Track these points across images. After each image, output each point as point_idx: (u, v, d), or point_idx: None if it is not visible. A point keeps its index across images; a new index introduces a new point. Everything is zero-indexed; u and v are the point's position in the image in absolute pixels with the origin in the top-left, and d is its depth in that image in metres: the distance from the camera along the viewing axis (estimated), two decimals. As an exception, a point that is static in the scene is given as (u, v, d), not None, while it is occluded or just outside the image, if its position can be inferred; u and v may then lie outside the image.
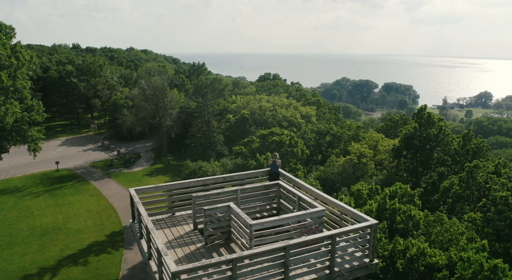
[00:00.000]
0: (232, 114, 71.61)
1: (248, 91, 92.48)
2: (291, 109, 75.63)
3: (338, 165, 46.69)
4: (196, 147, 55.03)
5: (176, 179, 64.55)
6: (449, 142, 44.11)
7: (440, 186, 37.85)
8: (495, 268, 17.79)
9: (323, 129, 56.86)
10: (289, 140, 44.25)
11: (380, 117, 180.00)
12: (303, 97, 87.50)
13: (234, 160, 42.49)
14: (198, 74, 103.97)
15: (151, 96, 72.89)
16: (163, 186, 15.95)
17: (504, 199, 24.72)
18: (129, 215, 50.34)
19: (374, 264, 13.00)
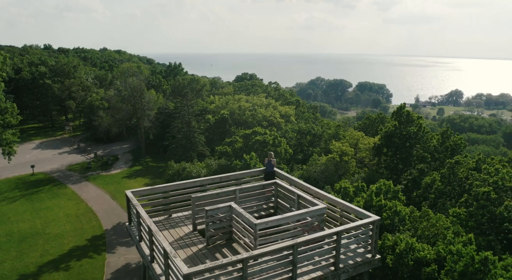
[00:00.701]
0: (211, 115, 71.30)
1: (226, 91, 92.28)
2: (270, 108, 75.85)
3: (321, 164, 47.08)
4: (177, 148, 54.49)
5: (156, 181, 63.77)
6: (428, 139, 45.09)
7: (421, 182, 38.65)
8: (486, 260, 18.27)
9: (304, 129, 57.26)
10: (272, 139, 44.35)
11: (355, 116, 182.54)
12: (281, 97, 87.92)
13: (218, 161, 42.27)
14: (174, 74, 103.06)
15: (129, 97, 71.80)
16: (159, 188, 15.69)
17: (486, 195, 25.43)
18: (109, 219, 49.45)
19: (377, 259, 13.15)
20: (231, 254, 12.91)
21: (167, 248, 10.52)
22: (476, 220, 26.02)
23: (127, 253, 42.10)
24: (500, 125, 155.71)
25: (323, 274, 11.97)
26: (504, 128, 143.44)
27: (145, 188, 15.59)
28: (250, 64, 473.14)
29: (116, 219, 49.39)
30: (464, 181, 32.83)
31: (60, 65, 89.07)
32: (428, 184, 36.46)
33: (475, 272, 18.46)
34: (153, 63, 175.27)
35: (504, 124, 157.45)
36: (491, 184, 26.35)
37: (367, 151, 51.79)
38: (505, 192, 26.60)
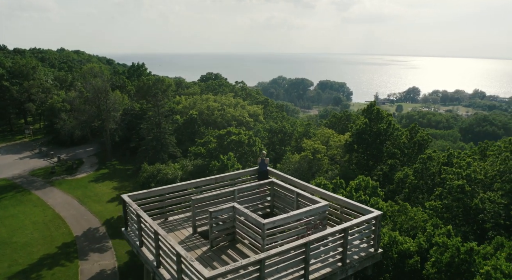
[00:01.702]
0: (179, 115, 70.38)
1: (192, 91, 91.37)
2: (238, 108, 75.75)
3: (294, 162, 47.48)
4: (147, 149, 53.38)
5: (125, 184, 62.36)
6: (398, 135, 46.41)
7: (392, 177, 39.72)
8: (471, 250, 19.02)
9: (276, 128, 57.58)
10: (247, 139, 44.31)
11: (317, 114, 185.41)
12: (249, 96, 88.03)
13: (194, 161, 41.75)
14: (138, 75, 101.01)
15: (93, 98, 69.66)
16: (156, 191, 15.33)
17: (460, 187, 26.48)
18: (79, 225, 47.86)
19: (379, 253, 13.43)
20: (238, 255, 12.80)
21: (182, 252, 10.30)
22: (451, 212, 27.04)
23: (100, 259, 40.91)
24: (456, 120, 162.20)
25: (332, 270, 12.11)
26: (460, 123, 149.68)
27: (141, 191, 15.20)
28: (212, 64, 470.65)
29: (86, 224, 47.88)
30: (436, 175, 34.03)
31: (18, 66, 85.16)
32: (401, 179, 37.54)
33: (461, 262, 19.18)
34: (113, 63, 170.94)
35: (460, 120, 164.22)
36: (464, 177, 27.46)
37: (338, 149, 52.74)
38: (477, 185, 27.80)
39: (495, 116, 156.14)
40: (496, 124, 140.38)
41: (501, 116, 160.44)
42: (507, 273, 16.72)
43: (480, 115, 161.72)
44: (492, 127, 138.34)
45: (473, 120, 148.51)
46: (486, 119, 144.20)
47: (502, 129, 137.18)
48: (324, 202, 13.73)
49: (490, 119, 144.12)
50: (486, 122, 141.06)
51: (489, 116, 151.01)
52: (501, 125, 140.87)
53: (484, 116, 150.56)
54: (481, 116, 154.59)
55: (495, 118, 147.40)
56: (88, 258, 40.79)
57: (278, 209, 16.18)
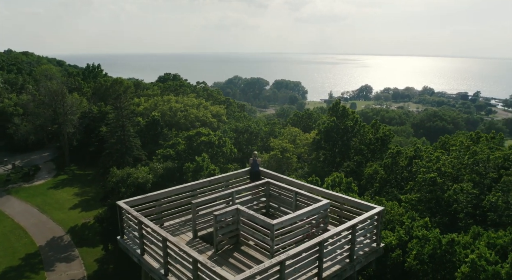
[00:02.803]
0: (140, 117, 68.68)
1: (152, 92, 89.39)
2: (201, 109, 74.99)
3: (264, 161, 47.58)
4: (111, 153, 51.67)
5: (86, 189, 60.29)
6: (365, 132, 47.61)
7: (363, 172, 40.70)
8: (452, 241, 19.80)
9: (242, 127, 57.46)
10: (218, 140, 43.90)
11: (274, 113, 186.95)
12: (211, 97, 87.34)
13: (164, 164, 40.82)
14: (93, 76, 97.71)
15: (49, 102, 66.62)
16: (152, 196, 14.80)
17: (432, 180, 27.54)
18: (42, 234, 45.72)
19: (381, 247, 13.69)
20: (245, 258, 12.62)
21: (199, 258, 10.00)
22: (425, 204, 28.06)
23: (68, 269, 39.29)
24: (408, 116, 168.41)
25: (342, 267, 12.20)
26: (412, 119, 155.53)
27: (137, 197, 14.61)
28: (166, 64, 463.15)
29: (49, 234, 45.79)
30: (405, 169, 35.21)
31: (-38, 69, 79.97)
32: (370, 174, 38.53)
33: (443, 254, 19.92)
34: (64, 65, 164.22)
35: (411, 116, 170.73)
36: (435, 170, 28.58)
37: (305, 147, 53.43)
38: (446, 177, 29.02)
39: (444, 111, 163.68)
40: (445, 119, 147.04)
41: (450, 112, 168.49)
42: (491, 261, 17.57)
43: (430, 111, 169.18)
44: (442, 122, 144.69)
45: (424, 116, 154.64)
46: (436, 115, 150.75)
47: (451, 124, 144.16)
48: (325, 201, 13.80)
49: (440, 115, 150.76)
50: (436, 118, 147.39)
51: (439, 112, 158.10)
52: (450, 120, 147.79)
53: (434, 112, 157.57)
54: (431, 112, 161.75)
55: (445, 114, 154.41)
56: (55, 268, 39.02)
57: (274, 209, 16.10)
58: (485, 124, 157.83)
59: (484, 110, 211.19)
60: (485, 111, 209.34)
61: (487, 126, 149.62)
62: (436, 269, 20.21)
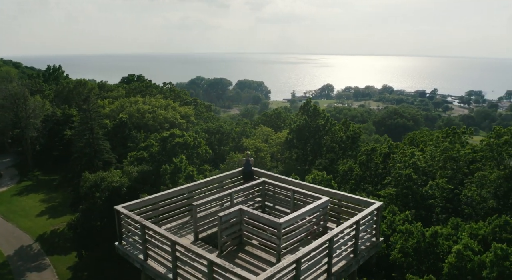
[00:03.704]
0: (107, 119, 67.01)
1: (117, 94, 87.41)
2: (170, 110, 74.04)
3: (238, 161, 47.53)
4: (79, 157, 50.08)
5: (53, 195, 58.25)
6: (336, 130, 48.50)
7: (338, 169, 41.45)
8: (436, 234, 20.54)
9: (213, 128, 57.18)
10: (193, 140, 43.46)
11: (238, 113, 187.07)
12: (178, 97, 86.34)
13: (139, 167, 39.97)
14: (55, 78, 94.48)
15: (10, 105, 63.81)
16: (150, 199, 14.49)
17: (408, 176, 28.47)
18: (9, 243, 43.90)
19: (381, 242, 14.05)
20: (251, 258, 12.62)
21: (217, 260, 9.92)
22: (401, 199, 28.96)
23: (40, 279, 37.92)
24: (370, 114, 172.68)
25: (347, 262, 12.44)
26: (373, 117, 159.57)
27: (135, 201, 14.27)
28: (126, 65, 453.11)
29: (17, 242, 43.90)
30: (380, 166, 36.16)
31: None
32: (345, 171, 39.30)
33: (427, 246, 20.65)
34: (20, 66, 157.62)
35: (373, 113, 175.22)
36: (411, 165, 29.55)
37: (278, 146, 53.81)
38: (422, 172, 30.06)
39: (404, 109, 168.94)
40: (406, 117, 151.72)
41: (409, 109, 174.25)
42: (477, 250, 18.39)
43: (391, 108, 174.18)
44: (402, 119, 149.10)
45: (385, 114, 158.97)
46: (396, 112, 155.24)
47: (411, 121, 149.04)
48: (325, 198, 13.99)
49: (400, 112, 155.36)
50: (397, 115, 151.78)
51: (399, 109, 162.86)
52: (410, 117, 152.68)
53: (395, 110, 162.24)
54: (392, 109, 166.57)
55: (405, 111, 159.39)
56: (26, 278, 37.48)
57: (269, 208, 16.17)
58: (443, 121, 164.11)
59: (441, 107, 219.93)
60: (442, 108, 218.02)
61: (445, 122, 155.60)
62: (420, 261, 20.93)
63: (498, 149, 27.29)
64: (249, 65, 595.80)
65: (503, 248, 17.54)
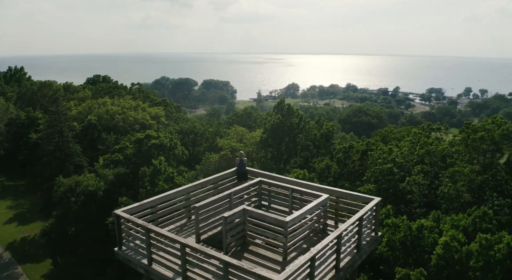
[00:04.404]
0: (75, 121, 65.14)
1: (83, 95, 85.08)
2: (139, 111, 72.79)
3: (214, 162, 47.33)
4: (49, 161, 48.41)
5: (21, 202, 56.16)
6: (310, 128, 49.09)
7: (315, 167, 41.93)
8: (421, 227, 21.21)
9: (186, 128, 56.66)
10: (169, 142, 42.87)
11: (205, 114, 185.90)
12: (147, 98, 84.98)
13: (115, 170, 39.03)
14: (17, 80, 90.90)
15: (-29, 108, 60.92)
16: (149, 202, 14.20)
17: (389, 170, 29.23)
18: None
19: (380, 236, 14.39)
20: (258, 257, 12.64)
21: (233, 261, 9.87)
22: (382, 194, 29.68)
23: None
24: (335, 112, 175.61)
25: (352, 257, 12.67)
26: (339, 115, 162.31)
27: (134, 205, 13.97)
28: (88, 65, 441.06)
29: (-16, 253, 41.94)
30: (357, 163, 36.91)
31: None
32: (323, 169, 39.84)
33: (414, 239, 21.29)
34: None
35: (338, 112, 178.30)
36: (389, 161, 30.35)
37: (253, 145, 53.91)
38: (400, 168, 30.94)
39: (368, 107, 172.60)
40: (370, 114, 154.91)
41: (373, 107, 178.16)
42: (463, 241, 19.13)
43: (355, 106, 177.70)
44: (367, 117, 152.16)
45: (350, 112, 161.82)
46: (361, 110, 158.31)
47: (376, 118, 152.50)
48: (325, 195, 14.19)
49: (365, 110, 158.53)
50: (361, 113, 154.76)
51: (363, 107, 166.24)
52: (374, 114, 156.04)
53: (359, 108, 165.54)
54: (356, 107, 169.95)
55: (369, 109, 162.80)
56: (-2, 289, 35.91)
57: (265, 207, 16.22)
58: (405, 118, 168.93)
59: (404, 104, 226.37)
60: (404, 105, 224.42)
61: (407, 119, 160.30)
62: (407, 254, 21.56)
63: (473, 144, 28.50)
64: (215, 64, 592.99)
65: (487, 238, 18.37)
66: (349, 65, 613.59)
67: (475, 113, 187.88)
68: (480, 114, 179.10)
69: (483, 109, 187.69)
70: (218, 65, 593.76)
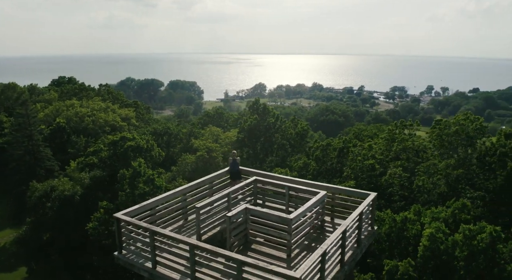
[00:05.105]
0: (43, 124, 63.13)
1: (49, 97, 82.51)
2: (110, 112, 71.32)
3: (191, 163, 47.05)
4: (18, 166, 46.69)
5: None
6: (287, 128, 49.57)
7: (293, 165, 42.38)
8: (405, 219, 21.90)
9: (160, 129, 55.99)
10: (145, 143, 42.22)
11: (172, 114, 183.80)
12: (116, 100, 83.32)
13: (91, 173, 38.07)
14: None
15: None
16: (149, 204, 14.02)
17: (371, 166, 29.97)
18: None
19: (376, 230, 14.78)
20: (262, 256, 12.79)
21: (248, 260, 9.93)
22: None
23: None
24: (303, 112, 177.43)
25: (353, 252, 12.97)
26: (306, 114, 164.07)
27: (134, 207, 13.73)
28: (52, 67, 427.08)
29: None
30: (334, 160, 37.61)
31: None
32: (301, 167, 40.33)
33: (398, 231, 21.96)
34: None
35: (305, 111, 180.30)
36: (370, 157, 31.12)
37: (228, 145, 53.88)
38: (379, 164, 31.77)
39: (335, 106, 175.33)
40: (337, 113, 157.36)
41: (339, 105, 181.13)
42: (448, 233, 19.89)
43: (322, 106, 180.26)
44: (334, 116, 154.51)
45: (317, 111, 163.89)
46: (328, 109, 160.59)
47: (342, 117, 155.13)
48: (323, 192, 14.44)
49: (332, 109, 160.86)
50: (328, 112, 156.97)
51: (330, 106, 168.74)
52: (341, 113, 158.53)
53: (326, 107, 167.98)
54: (323, 106, 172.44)
55: (336, 108, 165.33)
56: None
57: (260, 205, 16.34)
58: (371, 116, 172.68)
59: (369, 103, 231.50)
60: (369, 104, 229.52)
61: (373, 117, 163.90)
62: (393, 246, 22.20)
63: (448, 139, 29.67)
64: (181, 65, 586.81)
65: (470, 228, 19.21)
66: (315, 65, 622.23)
67: (437, 110, 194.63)
68: (442, 111, 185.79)
69: (444, 106, 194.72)
70: (185, 65, 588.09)
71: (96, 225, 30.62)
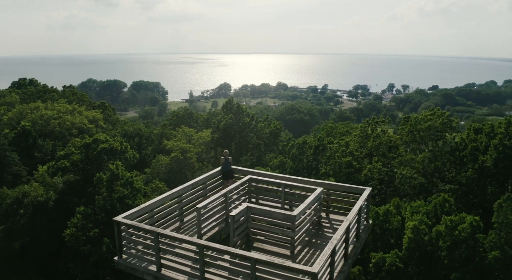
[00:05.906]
0: (6, 128, 60.64)
1: (10, 100, 79.25)
2: (76, 115, 69.38)
3: (166, 164, 46.46)
4: (-17, 172, 44.63)
5: None
6: (262, 127, 49.84)
7: (269, 164, 42.71)
8: (388, 212, 22.57)
9: (131, 131, 54.99)
10: (119, 145, 41.30)
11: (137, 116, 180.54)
12: (82, 101, 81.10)
13: (65, 177, 36.86)
14: None
15: None
16: (148, 206, 13.80)
17: (348, 163, 30.65)
18: None
19: (371, 224, 15.22)
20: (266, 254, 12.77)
21: (262, 258, 10.01)
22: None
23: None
24: (269, 111, 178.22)
25: (354, 246, 13.30)
26: (272, 113, 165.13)
27: (133, 210, 13.49)
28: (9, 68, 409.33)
29: None
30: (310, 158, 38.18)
31: None
32: (277, 165, 40.69)
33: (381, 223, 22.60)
34: None
35: (271, 110, 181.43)
36: (348, 154, 31.83)
37: (202, 146, 53.59)
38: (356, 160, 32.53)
39: (300, 104, 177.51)
40: (302, 112, 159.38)
41: (304, 104, 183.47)
42: (430, 224, 20.67)
43: (287, 105, 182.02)
44: (299, 114, 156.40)
45: (283, 110, 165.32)
46: (293, 108, 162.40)
47: (308, 115, 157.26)
48: (320, 188, 14.70)
49: (297, 108, 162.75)
50: (294, 111, 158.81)
51: (295, 105, 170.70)
52: (306, 112, 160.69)
53: (292, 105, 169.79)
54: (289, 105, 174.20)
55: (301, 106, 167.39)
56: None
57: (255, 204, 16.43)
58: (335, 114, 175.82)
59: (333, 101, 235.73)
60: (333, 102, 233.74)
61: (337, 115, 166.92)
62: (376, 239, 22.84)
63: (420, 134, 30.82)
64: (144, 65, 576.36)
65: (452, 219, 20.07)
66: (279, 64, 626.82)
67: (399, 107, 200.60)
68: (403, 108, 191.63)
69: (406, 104, 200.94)
70: (148, 65, 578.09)
71: (74, 231, 29.71)
